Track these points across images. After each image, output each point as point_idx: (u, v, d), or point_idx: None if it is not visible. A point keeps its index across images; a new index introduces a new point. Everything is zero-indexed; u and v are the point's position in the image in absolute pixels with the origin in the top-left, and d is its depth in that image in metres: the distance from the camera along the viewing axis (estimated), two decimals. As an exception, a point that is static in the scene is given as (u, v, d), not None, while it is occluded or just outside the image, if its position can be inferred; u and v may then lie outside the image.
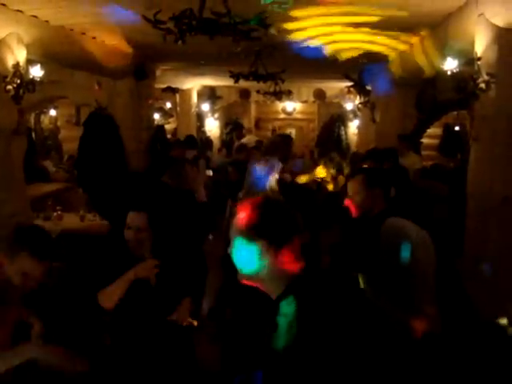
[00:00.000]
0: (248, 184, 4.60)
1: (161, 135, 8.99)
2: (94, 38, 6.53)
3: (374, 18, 5.49)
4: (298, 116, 16.16)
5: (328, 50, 7.16)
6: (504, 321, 2.87)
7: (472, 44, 4.50)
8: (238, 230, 1.83)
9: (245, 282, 1.87)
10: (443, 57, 4.70)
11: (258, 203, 1.84)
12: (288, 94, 9.62)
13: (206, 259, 4.61)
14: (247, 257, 1.81)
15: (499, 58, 4.16)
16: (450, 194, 6.93)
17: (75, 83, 8.33)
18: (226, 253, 1.91)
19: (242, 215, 1.83)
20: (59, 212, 6.79)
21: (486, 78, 4.23)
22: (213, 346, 3.72)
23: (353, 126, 13.19)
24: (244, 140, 11.41)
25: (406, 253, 2.11)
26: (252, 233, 1.79)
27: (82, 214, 6.84)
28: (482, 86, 4.26)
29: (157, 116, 13.46)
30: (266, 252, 1.78)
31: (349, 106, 12.65)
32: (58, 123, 12.40)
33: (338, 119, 13.69)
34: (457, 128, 11.47)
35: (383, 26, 5.79)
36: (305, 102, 14.48)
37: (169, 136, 13.14)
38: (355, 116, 12.25)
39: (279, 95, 9.30)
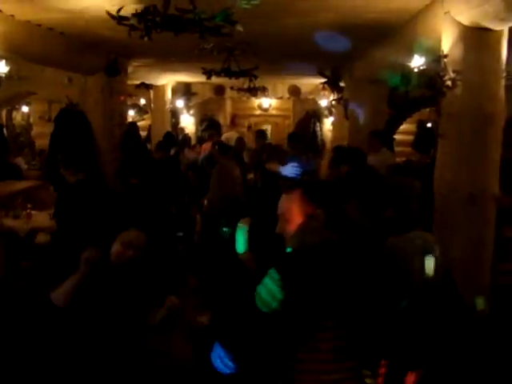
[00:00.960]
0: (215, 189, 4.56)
1: (133, 132, 8.91)
2: (61, 33, 6.43)
3: (342, 17, 5.53)
4: (274, 112, 16.16)
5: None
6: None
7: (439, 41, 4.54)
8: None
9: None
10: (412, 54, 4.72)
11: None
12: (263, 91, 9.62)
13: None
14: None
15: (464, 56, 4.21)
16: (422, 190, 6.99)
17: (45, 79, 8.25)
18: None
19: None
20: (29, 210, 6.70)
21: (452, 75, 4.27)
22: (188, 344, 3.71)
23: (328, 123, 13.23)
24: (225, 136, 11.38)
25: None
26: None
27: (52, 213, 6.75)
28: (449, 83, 4.29)
29: (132, 112, 13.36)
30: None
31: (323, 102, 12.68)
32: (31, 120, 12.26)
33: (313, 115, 13.71)
34: (429, 124, 11.57)
35: (352, 24, 5.83)
36: (280, 98, 14.48)
37: (144, 133, 13.07)
38: (330, 112, 12.29)
39: (254, 92, 9.29)
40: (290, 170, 5.30)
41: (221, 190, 6.73)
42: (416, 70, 4.52)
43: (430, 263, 2.66)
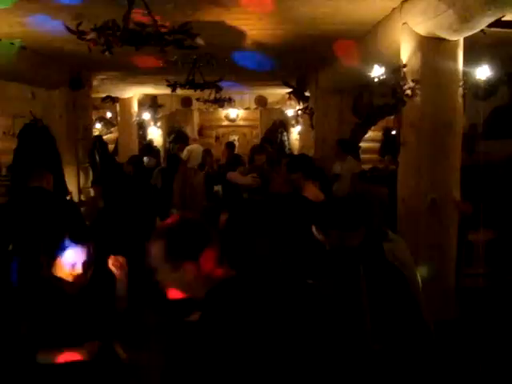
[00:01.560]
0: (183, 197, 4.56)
1: (99, 146, 8.83)
2: (23, 47, 6.35)
3: (304, 29, 5.60)
4: (242, 123, 16.20)
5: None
6: None
7: (399, 51, 4.64)
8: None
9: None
10: (372, 65, 4.82)
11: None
12: (229, 102, 9.66)
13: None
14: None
15: (422, 66, 4.31)
16: (388, 196, 7.10)
17: (8, 94, 8.12)
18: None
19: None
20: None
21: (411, 84, 4.37)
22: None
23: (295, 132, 13.35)
24: (187, 149, 11.35)
25: None
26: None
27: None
28: (408, 92, 4.39)
29: (98, 126, 13.25)
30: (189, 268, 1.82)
31: (290, 112, 12.79)
32: (-6, 135, 12.00)
33: (281, 125, 13.82)
34: (393, 132, 11.75)
35: (314, 35, 5.91)
36: (247, 108, 14.55)
37: (112, 146, 12.94)
38: (297, 122, 12.40)
39: (220, 103, 9.34)
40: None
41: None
42: (377, 79, 4.61)
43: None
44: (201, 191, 7.32)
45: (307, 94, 9.55)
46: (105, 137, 12.11)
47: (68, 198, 6.69)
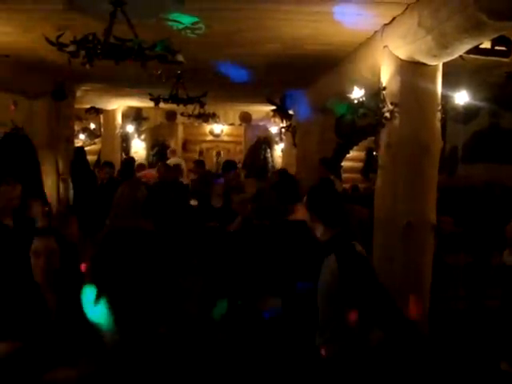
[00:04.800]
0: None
1: (80, 157, 8.78)
2: (7, 56, 6.32)
3: (287, 48, 5.66)
4: (226, 138, 16.24)
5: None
6: None
7: (379, 74, 4.69)
8: None
9: None
10: (353, 86, 4.87)
11: None
12: (213, 117, 9.69)
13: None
14: None
15: (402, 89, 4.36)
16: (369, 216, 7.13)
17: (-11, 102, 8.06)
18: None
19: None
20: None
21: (390, 107, 4.41)
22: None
23: (279, 149, 13.40)
24: (169, 162, 11.29)
25: None
26: None
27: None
28: (387, 115, 4.43)
29: (82, 137, 13.18)
30: None
31: (274, 129, 12.85)
32: (-25, 143, 11.87)
33: (264, 142, 13.87)
34: (375, 153, 11.87)
35: (297, 55, 5.97)
36: (231, 124, 14.59)
37: (95, 157, 12.86)
38: (281, 139, 12.45)
39: (204, 118, 9.35)
40: None
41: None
42: (356, 101, 4.65)
43: None
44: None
45: (291, 112, 9.61)
46: (88, 148, 12.06)
47: (46, 209, 6.61)
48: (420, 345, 3.00)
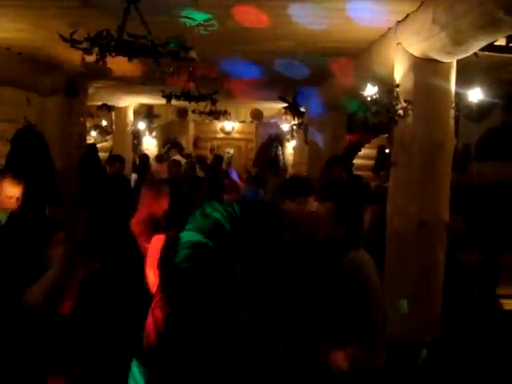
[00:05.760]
0: None
1: (92, 154, 8.81)
2: (19, 53, 6.36)
3: (300, 45, 5.64)
4: (237, 136, 16.23)
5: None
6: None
7: (393, 71, 4.66)
8: None
9: None
10: (366, 83, 4.83)
11: None
12: (224, 114, 9.67)
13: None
14: None
15: (415, 86, 4.33)
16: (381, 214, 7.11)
17: (3, 98, 8.10)
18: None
19: None
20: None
21: (403, 104, 4.37)
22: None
23: (290, 147, 13.37)
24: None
25: None
26: None
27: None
28: (400, 112, 4.40)
29: (94, 133, 13.22)
30: None
31: (285, 126, 12.82)
32: (-11, 139, 11.95)
33: (276, 139, 13.84)
34: (387, 150, 11.80)
35: (310, 52, 5.95)
36: (243, 122, 14.58)
37: (106, 154, 12.90)
38: (292, 136, 12.42)
39: (216, 115, 9.33)
40: None
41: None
42: (369, 98, 4.62)
43: None
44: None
45: (302, 109, 9.59)
46: (99, 145, 12.09)
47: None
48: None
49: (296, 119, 9.94)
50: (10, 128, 9.58)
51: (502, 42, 4.38)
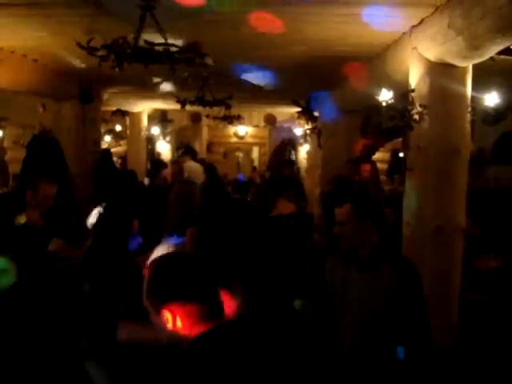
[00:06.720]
0: None
1: (107, 159, 8.87)
2: (35, 60, 6.43)
3: (314, 50, 5.64)
4: (250, 140, 16.26)
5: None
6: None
7: (407, 75, 4.64)
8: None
9: None
10: (381, 87, 4.82)
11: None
12: (237, 119, 9.69)
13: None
14: None
15: (431, 91, 4.30)
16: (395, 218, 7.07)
17: (19, 104, 8.20)
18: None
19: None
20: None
21: (419, 109, 4.35)
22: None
23: (303, 151, 13.36)
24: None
25: None
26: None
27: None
28: (416, 117, 4.37)
29: (108, 138, 13.33)
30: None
31: (298, 131, 12.81)
32: (5, 144, 12.09)
33: (289, 143, 13.83)
34: (401, 154, 11.76)
35: (324, 56, 5.95)
36: (256, 126, 14.60)
37: (119, 159, 13.01)
38: (306, 141, 12.41)
39: (229, 120, 9.37)
40: None
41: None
42: (384, 103, 4.60)
43: None
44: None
45: (316, 113, 9.57)
46: (113, 150, 12.18)
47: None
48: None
49: (309, 123, 9.93)
50: (25, 134, 9.70)
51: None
